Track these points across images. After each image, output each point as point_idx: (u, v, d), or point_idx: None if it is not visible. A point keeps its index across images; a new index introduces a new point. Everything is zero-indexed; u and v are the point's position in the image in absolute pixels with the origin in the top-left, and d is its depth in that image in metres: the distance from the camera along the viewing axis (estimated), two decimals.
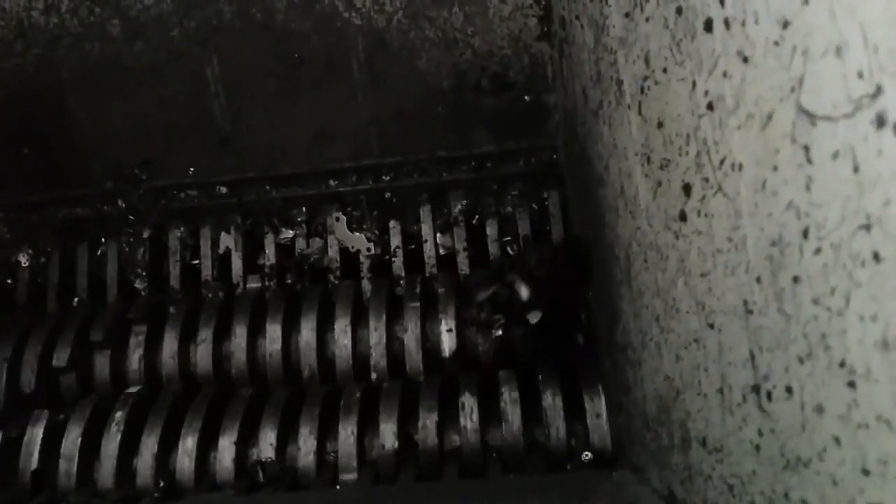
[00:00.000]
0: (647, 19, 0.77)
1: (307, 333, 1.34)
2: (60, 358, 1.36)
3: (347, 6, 1.35)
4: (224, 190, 1.53)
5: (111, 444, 1.22)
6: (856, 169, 0.39)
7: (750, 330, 0.56)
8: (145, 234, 1.56)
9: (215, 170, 1.51)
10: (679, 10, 0.67)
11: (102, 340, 1.36)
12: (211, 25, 1.38)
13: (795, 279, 0.48)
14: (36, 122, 1.49)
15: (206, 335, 1.36)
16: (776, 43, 0.47)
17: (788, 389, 0.50)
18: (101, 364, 1.37)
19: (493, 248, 1.45)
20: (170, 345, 1.36)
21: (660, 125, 0.77)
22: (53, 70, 1.44)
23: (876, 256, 0.38)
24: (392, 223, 1.50)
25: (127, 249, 1.56)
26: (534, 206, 1.48)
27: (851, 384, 0.42)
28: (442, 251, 1.48)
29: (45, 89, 1.45)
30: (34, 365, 1.36)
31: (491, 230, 1.45)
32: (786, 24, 0.46)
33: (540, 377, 1.23)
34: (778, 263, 0.50)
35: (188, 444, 1.21)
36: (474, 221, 1.49)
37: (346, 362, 1.33)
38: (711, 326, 0.66)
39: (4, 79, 1.45)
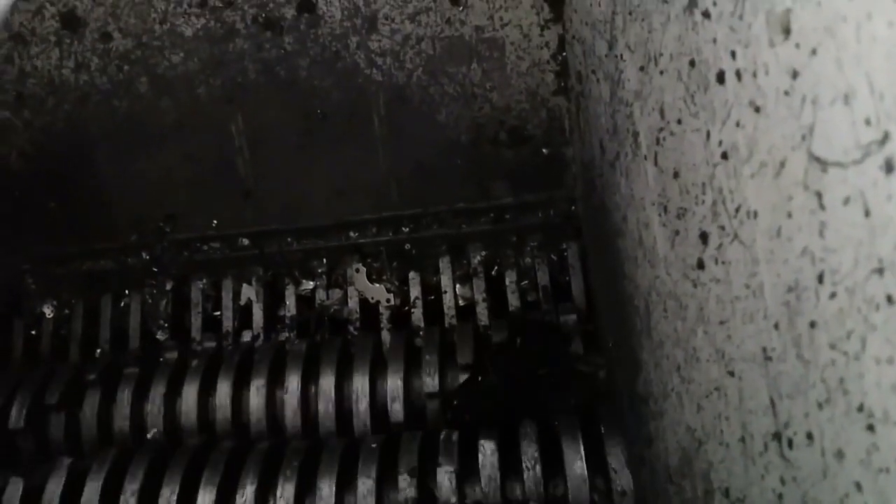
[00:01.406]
0: (662, 72, 0.78)
1: (326, 385, 1.34)
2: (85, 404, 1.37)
3: (368, 63, 1.38)
4: (246, 242, 1.55)
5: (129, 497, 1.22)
6: (867, 213, 0.39)
7: (769, 377, 0.56)
8: (168, 286, 1.58)
9: (238, 222, 1.53)
10: (692, 63, 0.68)
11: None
12: (236, 83, 1.41)
13: (812, 324, 0.48)
14: (64, 176, 1.53)
15: (225, 388, 1.36)
16: (786, 93, 0.48)
17: (809, 436, 0.50)
18: (122, 413, 1.38)
19: (512, 299, 1.45)
20: (189, 395, 1.37)
21: (676, 175, 0.78)
22: (82, 126, 1.48)
23: (889, 299, 0.38)
24: (411, 274, 1.51)
25: (150, 301, 1.58)
26: (553, 257, 1.49)
27: (871, 428, 0.42)
28: (461, 302, 1.49)
29: (74, 145, 1.49)
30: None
31: (510, 281, 1.46)
32: (795, 75, 0.47)
33: (560, 430, 1.22)
34: (795, 309, 0.50)
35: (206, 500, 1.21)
36: (493, 272, 1.50)
37: (364, 413, 1.33)
38: (732, 374, 0.65)
39: (35, 135, 1.49)
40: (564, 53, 1.35)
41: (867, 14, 0.38)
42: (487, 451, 1.19)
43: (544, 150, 1.43)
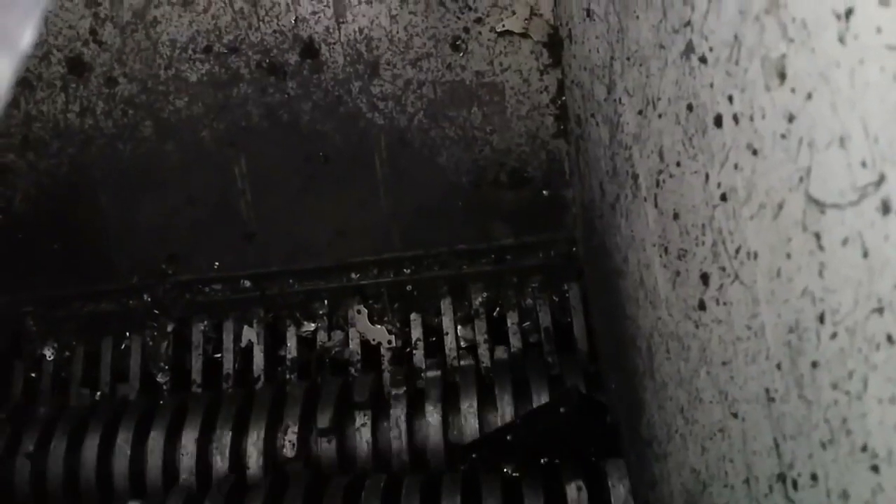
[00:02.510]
0: (660, 116, 0.80)
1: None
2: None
3: (370, 107, 1.40)
4: (248, 284, 1.56)
5: None
6: (865, 254, 0.40)
7: (773, 417, 0.56)
8: (169, 328, 1.58)
9: (240, 264, 1.54)
10: (690, 107, 0.69)
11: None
12: (239, 127, 1.43)
13: (814, 364, 0.48)
14: (67, 219, 1.54)
15: (223, 433, 1.35)
16: (783, 136, 0.49)
17: (813, 476, 0.50)
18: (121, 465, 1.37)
19: (514, 341, 1.45)
20: (188, 439, 1.36)
21: (675, 216, 0.79)
22: (86, 169, 1.49)
23: (890, 338, 0.39)
24: (413, 315, 1.51)
25: (151, 343, 1.58)
26: (554, 297, 1.49)
27: (875, 468, 0.42)
28: (463, 343, 1.49)
29: (78, 187, 1.51)
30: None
31: (511, 322, 1.46)
32: (791, 118, 0.48)
33: (564, 474, 1.21)
34: (797, 349, 0.51)
35: None
36: (495, 314, 1.50)
37: (367, 455, 1.32)
38: (735, 416, 0.65)
39: (39, 178, 1.50)
40: (563, 97, 1.37)
41: (860, 60, 0.39)
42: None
43: (544, 192, 1.44)
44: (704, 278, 0.72)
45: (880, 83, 0.37)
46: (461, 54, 1.35)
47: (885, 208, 0.37)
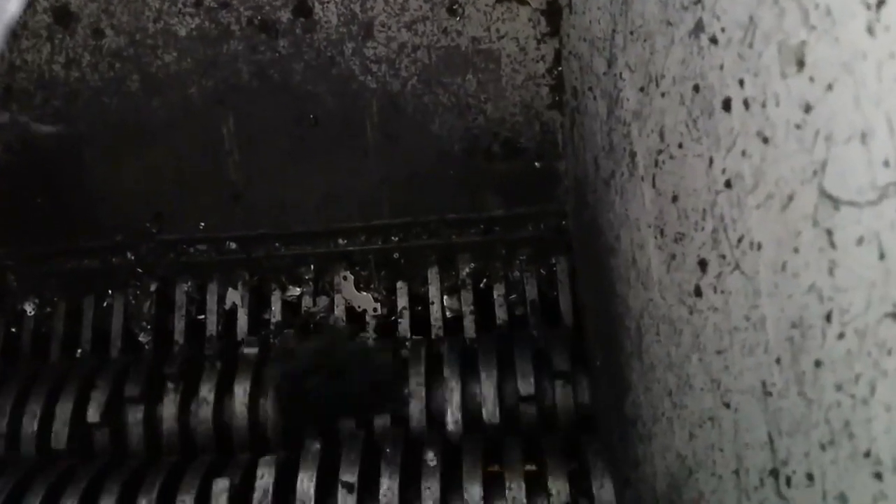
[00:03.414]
0: (663, 95, 0.78)
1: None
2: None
3: (363, 70, 1.37)
4: (233, 246, 1.53)
5: None
6: (882, 256, 0.38)
7: (769, 412, 0.55)
8: (152, 288, 1.56)
9: (226, 225, 1.51)
10: (696, 88, 0.67)
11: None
12: (228, 84, 1.39)
13: (818, 363, 0.47)
14: (51, 173, 1.50)
15: (206, 395, 1.34)
16: (798, 126, 0.47)
17: (809, 476, 0.49)
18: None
19: (500, 313, 1.44)
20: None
21: (674, 199, 0.77)
22: (71, 123, 1.45)
23: None
24: (399, 284, 1.49)
25: (133, 302, 1.56)
26: (542, 271, 1.48)
27: (878, 476, 0.41)
28: (449, 314, 1.48)
29: (62, 141, 1.47)
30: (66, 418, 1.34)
31: (498, 294, 1.45)
32: (808, 109, 0.46)
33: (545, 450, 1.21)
34: (799, 346, 0.49)
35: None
36: (482, 285, 1.49)
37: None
38: (727, 406, 0.65)
39: (22, 130, 1.46)
40: (560, 68, 1.34)
41: (889, 53, 0.37)
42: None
43: (537, 164, 1.42)
44: (702, 264, 0.70)
45: None
46: (458, 19, 1.32)
47: None
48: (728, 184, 0.61)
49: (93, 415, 1.33)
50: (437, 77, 1.37)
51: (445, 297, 1.48)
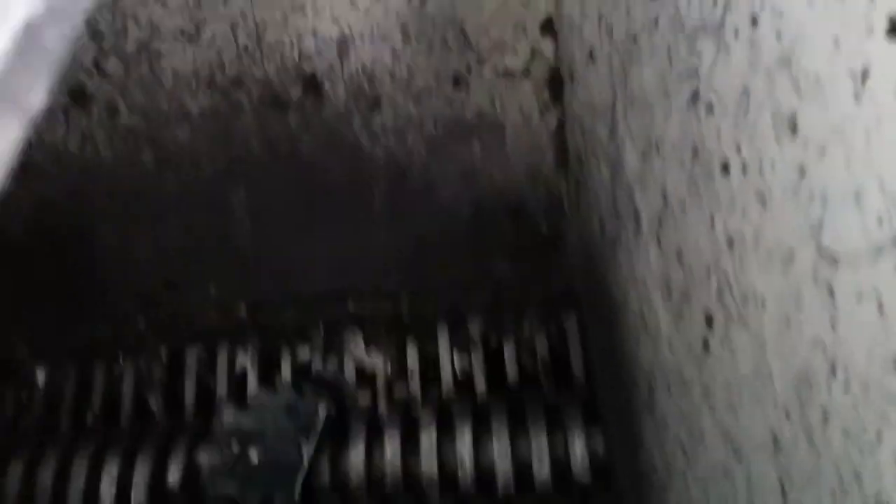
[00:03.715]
0: (664, 159, 0.81)
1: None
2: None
3: (371, 141, 1.41)
4: (243, 312, 1.56)
5: None
6: (881, 312, 0.41)
7: (780, 464, 0.57)
8: (163, 355, 1.57)
9: (235, 293, 1.54)
10: (695, 153, 0.71)
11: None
12: (240, 158, 1.44)
13: (825, 414, 0.49)
14: (64, 245, 1.53)
15: None
16: (794, 189, 0.50)
17: None
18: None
19: (511, 372, 1.45)
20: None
21: (679, 257, 0.80)
22: (85, 197, 1.49)
23: None
24: (409, 347, 1.51)
25: (144, 369, 1.57)
26: (552, 331, 1.49)
27: None
28: (459, 376, 1.49)
29: (76, 215, 1.51)
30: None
31: (508, 354, 1.46)
32: (803, 172, 0.49)
33: None
34: (806, 398, 0.51)
35: None
36: (492, 346, 1.50)
37: (362, 482, 1.32)
38: (739, 459, 0.66)
39: (37, 205, 1.50)
40: (564, 135, 1.39)
41: (876, 119, 0.40)
42: None
43: (543, 228, 1.45)
44: (708, 320, 0.72)
45: None
46: (462, 91, 1.37)
47: None
48: (730, 243, 0.64)
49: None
50: (443, 147, 1.41)
51: (456, 358, 1.50)
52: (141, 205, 1.49)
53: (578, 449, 1.30)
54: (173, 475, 1.35)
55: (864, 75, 0.41)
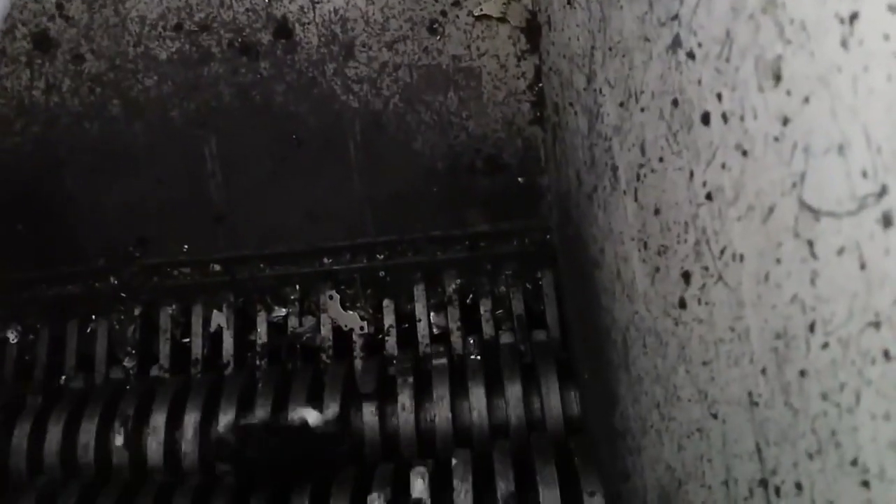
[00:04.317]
0: (643, 109, 0.78)
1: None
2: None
3: (345, 89, 1.37)
4: (217, 268, 1.53)
5: None
6: (862, 266, 0.39)
7: (756, 422, 0.56)
8: (136, 312, 1.55)
9: (209, 248, 1.51)
10: (675, 103, 0.68)
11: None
12: (210, 107, 1.40)
13: (802, 373, 0.47)
14: (32, 199, 1.49)
15: (193, 417, 1.33)
16: (776, 139, 0.48)
17: (798, 486, 0.49)
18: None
19: (486, 328, 1.44)
20: (156, 425, 1.33)
21: (657, 212, 0.78)
22: (52, 148, 1.45)
23: (886, 355, 0.38)
24: (386, 302, 1.49)
25: (117, 327, 1.55)
26: (528, 285, 1.48)
27: (865, 483, 0.41)
28: (436, 330, 1.47)
29: (43, 168, 1.46)
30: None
31: (485, 309, 1.45)
32: (786, 121, 0.47)
33: (536, 464, 1.20)
34: (783, 356, 0.50)
35: None
36: (468, 301, 1.49)
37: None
38: (715, 416, 0.65)
39: (2, 157, 1.46)
40: (541, 84, 1.35)
41: (864, 66, 0.37)
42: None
43: (520, 179, 1.43)
44: (686, 276, 0.71)
45: (886, 92, 0.36)
46: (438, 38, 1.33)
47: (887, 221, 0.36)
48: (709, 196, 0.62)
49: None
50: (418, 95, 1.38)
51: (432, 313, 1.48)
52: (110, 156, 1.45)
53: (553, 405, 1.30)
54: (154, 438, 1.33)
55: (853, 18, 0.38)
